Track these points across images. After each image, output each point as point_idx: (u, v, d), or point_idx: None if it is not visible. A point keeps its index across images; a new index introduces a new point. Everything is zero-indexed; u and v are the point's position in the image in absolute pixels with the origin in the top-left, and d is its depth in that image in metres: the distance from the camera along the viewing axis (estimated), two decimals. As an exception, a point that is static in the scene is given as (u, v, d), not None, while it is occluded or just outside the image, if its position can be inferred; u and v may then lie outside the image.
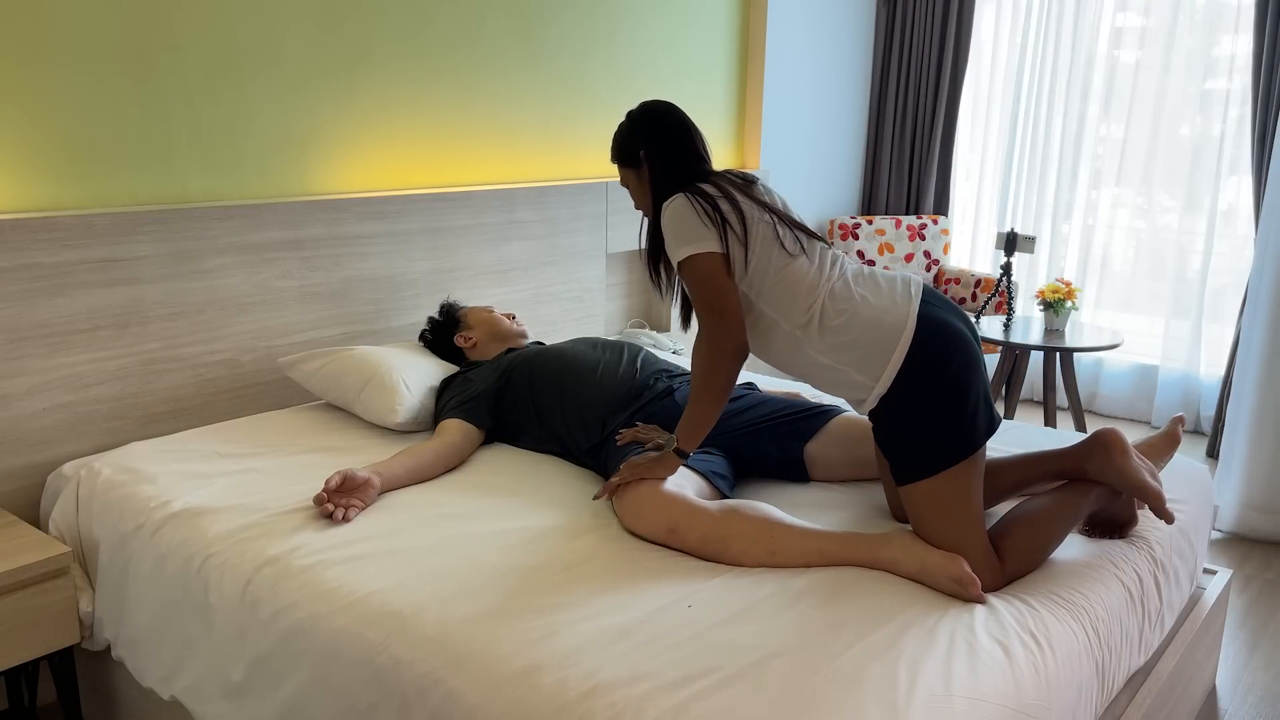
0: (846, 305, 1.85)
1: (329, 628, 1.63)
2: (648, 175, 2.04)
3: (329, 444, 2.36)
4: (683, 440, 1.90)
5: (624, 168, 2.09)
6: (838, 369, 1.84)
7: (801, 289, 1.87)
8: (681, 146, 2.02)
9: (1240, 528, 3.47)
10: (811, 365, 1.88)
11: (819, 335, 1.85)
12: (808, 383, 1.95)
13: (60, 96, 2.26)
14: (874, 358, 1.80)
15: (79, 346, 2.31)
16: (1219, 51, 4.30)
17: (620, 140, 2.07)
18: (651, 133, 2.03)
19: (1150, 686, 1.91)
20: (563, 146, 3.47)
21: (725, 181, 1.97)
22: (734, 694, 1.39)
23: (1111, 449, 1.85)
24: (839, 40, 4.66)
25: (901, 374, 1.78)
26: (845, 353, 1.83)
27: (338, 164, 2.82)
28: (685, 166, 2.01)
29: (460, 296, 3.11)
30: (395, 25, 2.88)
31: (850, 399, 1.88)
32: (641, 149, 2.03)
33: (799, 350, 1.88)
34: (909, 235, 4.74)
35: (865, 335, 1.81)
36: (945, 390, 1.78)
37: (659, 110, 2.06)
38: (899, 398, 1.80)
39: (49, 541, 2.03)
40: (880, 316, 1.82)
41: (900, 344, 1.79)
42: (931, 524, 1.77)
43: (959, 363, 1.78)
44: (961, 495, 1.77)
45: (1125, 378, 4.77)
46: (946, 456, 1.77)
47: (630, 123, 2.06)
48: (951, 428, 1.77)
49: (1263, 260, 3.36)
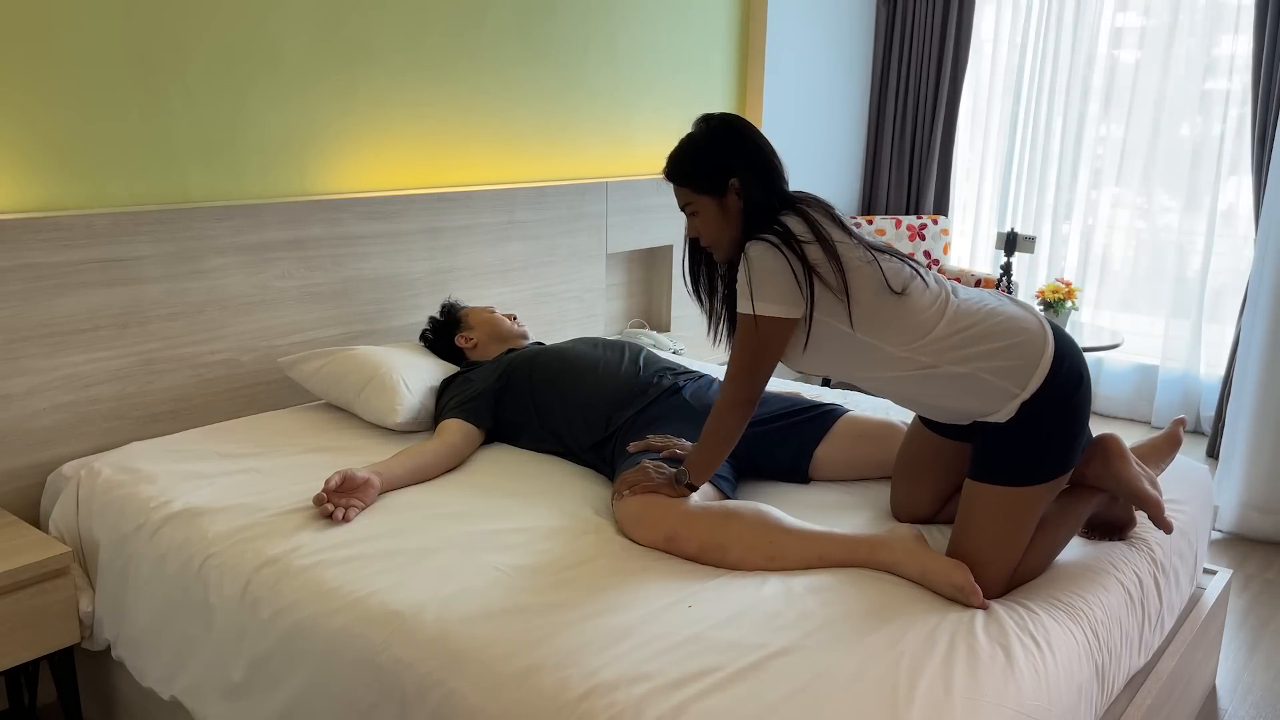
0: (981, 315, 1.76)
1: (329, 628, 1.63)
2: (737, 206, 1.78)
3: (329, 444, 2.36)
4: (693, 475, 1.89)
5: (700, 194, 1.80)
6: (977, 378, 1.73)
7: (924, 314, 1.75)
8: (775, 172, 1.80)
9: (1240, 528, 3.47)
10: (936, 381, 1.76)
11: (953, 348, 1.74)
12: (916, 402, 1.82)
13: (61, 96, 2.26)
14: (1019, 364, 1.72)
15: (79, 346, 2.31)
16: (1219, 51, 4.30)
17: (699, 160, 1.79)
18: (743, 153, 1.77)
19: (1150, 687, 1.91)
20: (563, 146, 3.47)
21: (819, 213, 1.78)
22: (734, 694, 1.39)
23: (1111, 454, 1.85)
24: (839, 40, 4.65)
25: (1046, 384, 1.71)
26: (988, 360, 1.73)
27: (338, 164, 2.82)
28: (777, 194, 1.78)
29: (460, 296, 3.11)
30: (395, 25, 2.88)
31: (975, 411, 1.77)
32: (734, 175, 1.76)
33: (920, 369, 1.76)
34: (909, 235, 4.74)
35: (1009, 342, 1.73)
36: (1074, 408, 1.74)
37: (746, 128, 1.79)
38: (1033, 408, 1.72)
39: (49, 541, 2.03)
40: (1020, 324, 1.75)
41: (1046, 354, 1.73)
42: (982, 527, 1.73)
43: (1087, 384, 1.77)
44: (1029, 512, 1.74)
45: (1125, 378, 4.77)
46: (1043, 472, 1.73)
47: (714, 140, 1.79)
48: (1062, 446, 1.74)
49: (1263, 260, 3.36)
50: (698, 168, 1.79)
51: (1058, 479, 1.76)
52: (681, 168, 1.82)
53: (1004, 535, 1.73)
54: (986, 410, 1.76)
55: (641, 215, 3.71)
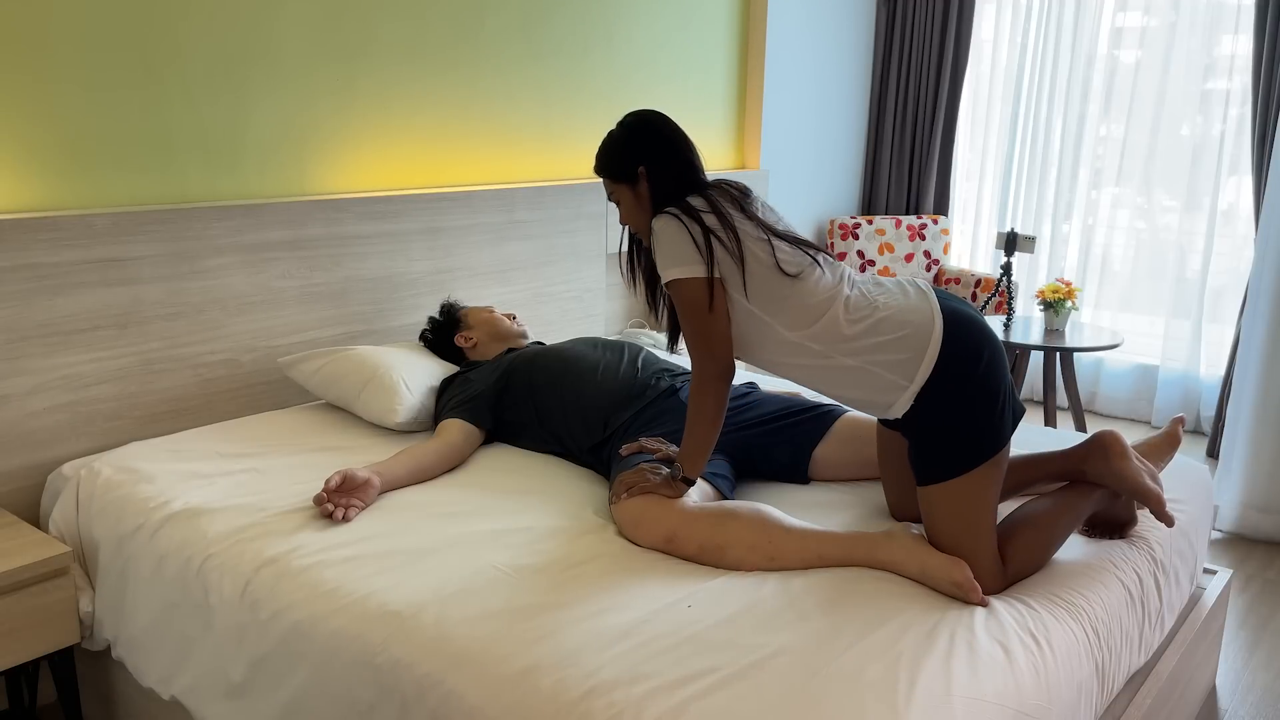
0: (868, 309, 1.81)
1: (328, 628, 1.63)
2: (647, 192, 1.94)
3: (329, 444, 2.36)
4: (687, 468, 1.89)
5: (616, 183, 1.98)
6: (868, 371, 1.78)
7: (815, 299, 1.81)
8: (682, 160, 1.94)
9: (1240, 528, 3.47)
10: (830, 371, 1.82)
11: (843, 340, 1.79)
12: (819, 390, 1.87)
13: (60, 96, 2.26)
14: (906, 357, 1.76)
15: (79, 346, 2.31)
16: (1219, 51, 4.30)
17: (613, 154, 1.97)
18: (650, 146, 1.94)
19: (1150, 686, 1.91)
20: (563, 146, 3.47)
21: (720, 195, 1.90)
22: (734, 694, 1.39)
23: (1110, 451, 1.85)
24: (839, 40, 4.66)
25: (936, 371, 1.74)
26: (875, 354, 1.78)
27: (338, 164, 2.82)
28: (685, 180, 1.93)
29: (460, 296, 3.11)
30: (395, 25, 2.88)
31: (872, 403, 1.82)
32: (641, 164, 1.93)
33: (814, 358, 1.82)
34: (909, 235, 4.74)
35: (895, 335, 1.77)
36: (979, 385, 1.75)
37: (655, 121, 1.96)
38: (932, 397, 1.75)
39: (49, 541, 2.03)
40: (907, 315, 1.78)
41: (932, 341, 1.75)
42: (946, 525, 1.75)
43: (988, 355, 1.76)
44: (981, 496, 1.75)
45: (1125, 378, 4.76)
46: (977, 455, 1.74)
47: (626, 135, 1.96)
48: (984, 424, 1.75)
49: (1263, 260, 3.36)
50: (613, 159, 1.97)
51: (995, 457, 1.76)
52: (602, 160, 1.99)
53: (967, 526, 1.74)
54: (882, 402, 1.80)
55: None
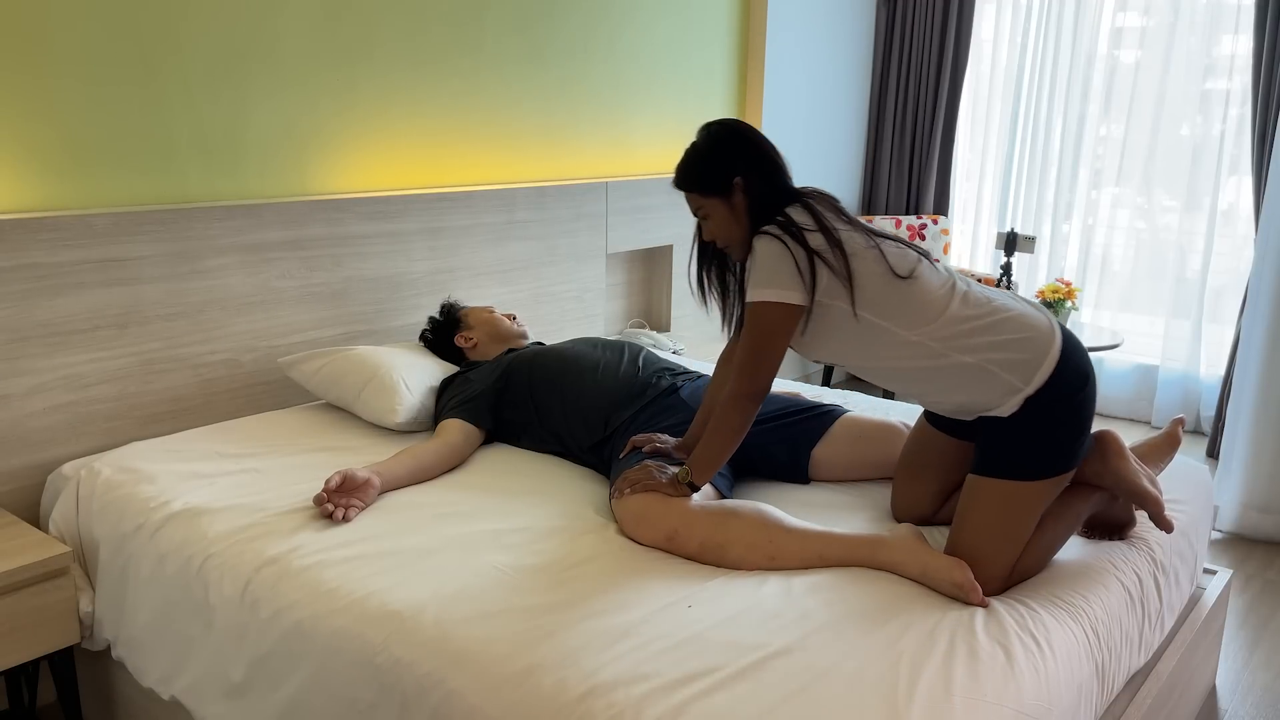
0: (986, 306, 1.79)
1: (329, 628, 1.63)
2: (743, 204, 1.85)
3: (329, 444, 2.36)
4: (696, 474, 1.88)
5: (707, 197, 1.87)
6: (985, 370, 1.76)
7: (933, 295, 1.79)
8: (779, 168, 1.87)
9: (1240, 528, 3.47)
10: (943, 372, 1.78)
11: (963, 335, 1.77)
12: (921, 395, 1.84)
13: (60, 96, 2.26)
14: (1027, 359, 1.74)
15: (79, 346, 2.31)
16: (1219, 51, 4.30)
17: (703, 166, 1.87)
18: (744, 155, 1.85)
19: (1150, 687, 1.91)
20: (563, 146, 3.47)
21: (822, 204, 1.84)
22: (734, 694, 1.39)
23: (1109, 452, 1.85)
24: (839, 40, 4.65)
25: (1050, 380, 1.74)
26: (993, 353, 1.75)
27: (338, 164, 2.82)
28: (782, 189, 1.86)
29: (460, 296, 3.11)
30: (395, 25, 2.88)
31: (976, 405, 1.79)
32: (737, 175, 1.84)
33: (930, 358, 1.78)
34: (909, 235, 4.74)
35: (1018, 336, 1.76)
36: (1077, 407, 1.76)
37: (743, 129, 1.88)
38: (1037, 404, 1.74)
39: (49, 541, 2.03)
40: (1029, 320, 1.78)
41: (1053, 349, 1.75)
42: (982, 519, 1.75)
43: (1091, 384, 1.78)
44: (1029, 508, 1.76)
45: (1125, 378, 4.76)
46: (1049, 468, 1.75)
47: (714, 145, 1.87)
48: (1066, 444, 1.76)
49: (1263, 260, 3.36)
50: (703, 172, 1.87)
51: (1060, 477, 1.77)
52: (688, 174, 1.89)
53: (1003, 531, 1.73)
54: (991, 404, 1.78)
55: (641, 215, 3.71)
